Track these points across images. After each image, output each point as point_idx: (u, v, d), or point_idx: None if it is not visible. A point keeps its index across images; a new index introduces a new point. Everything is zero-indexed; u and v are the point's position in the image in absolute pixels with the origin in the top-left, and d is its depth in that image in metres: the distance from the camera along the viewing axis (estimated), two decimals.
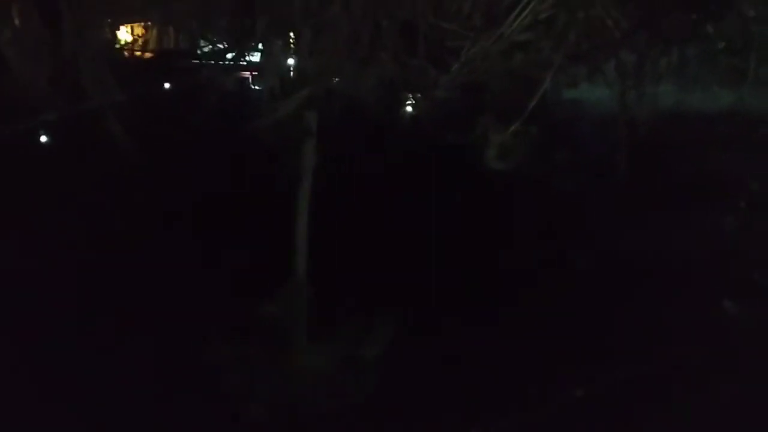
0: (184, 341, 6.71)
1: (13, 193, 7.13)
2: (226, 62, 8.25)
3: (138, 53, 8.74)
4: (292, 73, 7.28)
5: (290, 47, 7.25)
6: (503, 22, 6.05)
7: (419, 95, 7.35)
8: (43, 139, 7.19)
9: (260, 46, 7.57)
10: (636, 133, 5.91)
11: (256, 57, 8.06)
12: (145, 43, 8.64)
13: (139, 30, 8.54)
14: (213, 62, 8.32)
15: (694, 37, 5.74)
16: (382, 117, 7.66)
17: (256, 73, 8.07)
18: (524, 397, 6.26)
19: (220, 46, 7.90)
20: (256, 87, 8.10)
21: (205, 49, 8.15)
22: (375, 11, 6.47)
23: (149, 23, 8.16)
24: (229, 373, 6.58)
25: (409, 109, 7.79)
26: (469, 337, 6.98)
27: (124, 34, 8.49)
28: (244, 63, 8.31)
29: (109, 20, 7.08)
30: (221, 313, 6.91)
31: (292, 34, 7.21)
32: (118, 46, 8.15)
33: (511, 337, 6.92)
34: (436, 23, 6.39)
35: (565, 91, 6.68)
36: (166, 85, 8.77)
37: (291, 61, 7.30)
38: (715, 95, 6.55)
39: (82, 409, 5.91)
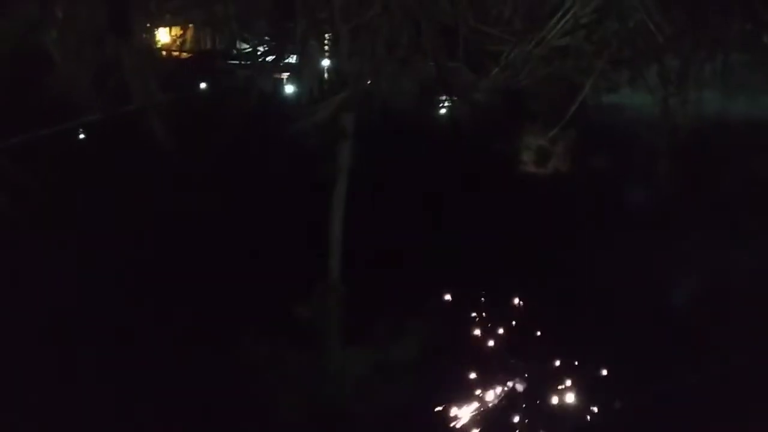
0: (218, 342, 6.76)
1: (58, 192, 7.25)
2: (264, 64, 8.27)
3: (176, 54, 8.81)
4: (328, 75, 7.28)
5: (328, 49, 7.25)
6: (544, 27, 5.98)
7: (458, 99, 7.31)
8: (86, 138, 7.29)
9: (299, 47, 7.58)
10: (678, 140, 5.81)
11: (293, 59, 8.08)
12: (183, 43, 8.70)
13: (176, 31, 8.59)
14: (251, 63, 8.35)
15: (744, 46, 5.63)
16: (419, 120, 7.65)
17: (294, 74, 8.09)
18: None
19: (259, 48, 7.93)
20: (293, 88, 8.11)
21: (244, 51, 8.19)
22: (415, 13, 6.43)
23: (189, 25, 8.21)
24: (263, 375, 6.62)
25: (447, 112, 7.75)
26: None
27: (162, 35, 8.55)
28: (282, 65, 8.33)
29: (150, 22, 7.12)
30: (257, 314, 6.95)
31: (330, 36, 7.20)
32: (157, 47, 8.21)
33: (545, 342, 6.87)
34: (476, 26, 6.33)
35: (605, 96, 6.61)
36: (203, 86, 8.82)
37: (327, 63, 7.30)
38: (761, 101, 6.44)
39: (124, 400, 6.01)
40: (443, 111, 7.95)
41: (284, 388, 6.54)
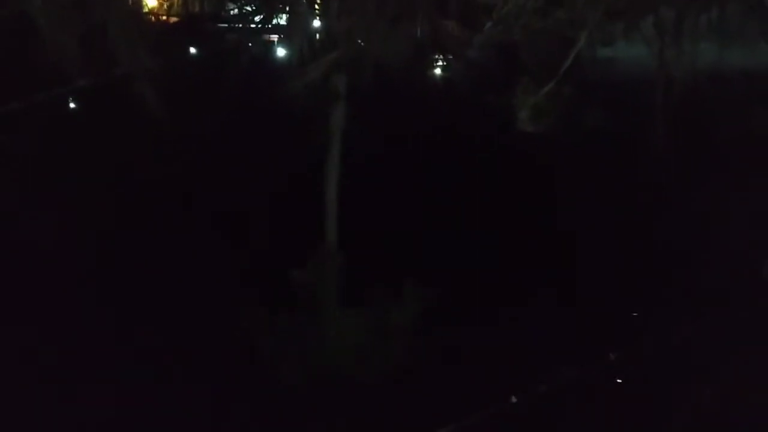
0: (216, 308, 6.77)
1: (45, 160, 7.19)
2: (253, 25, 8.15)
3: (164, 18, 8.67)
4: (319, 36, 7.16)
5: (318, 9, 7.13)
6: None
7: (451, 56, 7.21)
8: (74, 105, 7.20)
9: (287, 8, 7.45)
10: (675, 92, 5.73)
11: (282, 20, 7.96)
12: (171, 7, 8.55)
13: None
14: (239, 25, 8.23)
15: None
16: (412, 79, 7.53)
17: (284, 36, 7.97)
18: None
19: (247, 8, 7.81)
20: (284, 50, 7.99)
21: (232, 13, 8.06)
22: None
23: None
24: (262, 339, 6.63)
25: (441, 70, 7.65)
26: (495, 305, 6.93)
27: None
28: (271, 26, 8.21)
29: None
30: (254, 280, 6.94)
31: None
32: (145, 11, 8.07)
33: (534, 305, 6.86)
34: None
35: (600, 50, 6.50)
36: (192, 50, 8.70)
37: (317, 23, 7.18)
38: (758, 51, 6.34)
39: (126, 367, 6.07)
40: (437, 70, 7.85)
41: (283, 352, 6.55)
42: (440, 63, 7.68)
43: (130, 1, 7.11)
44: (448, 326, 6.74)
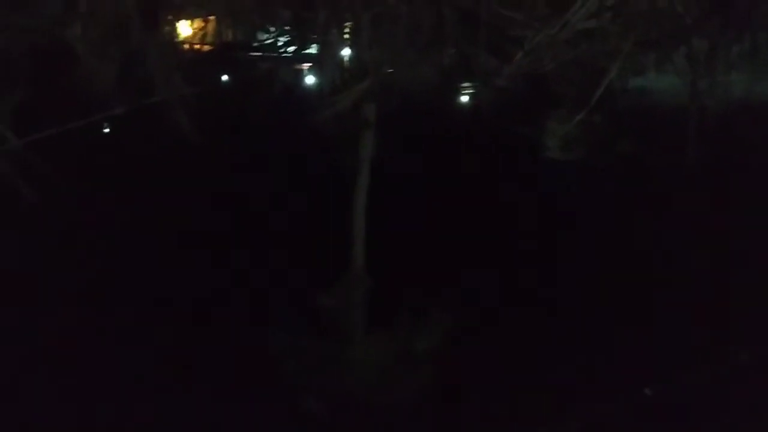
0: (242, 331, 6.78)
1: (83, 186, 7.33)
2: (285, 54, 8.30)
3: (197, 47, 8.86)
4: (350, 65, 7.27)
5: (349, 39, 7.23)
6: (568, 9, 5.90)
7: (480, 85, 7.25)
8: (112, 131, 7.35)
9: (319, 37, 7.58)
10: (707, 122, 5.72)
11: (314, 49, 8.10)
12: (204, 36, 8.75)
13: (198, 24, 8.64)
14: (272, 54, 8.38)
15: None
16: (442, 108, 7.58)
17: (315, 64, 8.10)
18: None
19: (280, 38, 7.96)
20: (315, 79, 8.11)
21: (265, 42, 8.22)
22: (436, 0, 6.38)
23: (210, 17, 8.25)
24: (287, 364, 6.63)
25: (469, 99, 7.70)
26: (530, 331, 6.86)
27: (184, 28, 8.61)
28: (303, 55, 8.35)
29: (174, 15, 7.16)
30: (281, 304, 6.97)
31: (351, 25, 7.19)
32: (179, 40, 8.26)
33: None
34: (498, 11, 6.27)
35: (632, 80, 6.52)
36: (225, 78, 8.87)
37: (348, 53, 7.28)
38: None
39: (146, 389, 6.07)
40: (465, 98, 7.91)
41: (308, 377, 6.54)
42: (469, 92, 7.73)
43: (166, 30, 7.28)
44: (477, 352, 6.67)
